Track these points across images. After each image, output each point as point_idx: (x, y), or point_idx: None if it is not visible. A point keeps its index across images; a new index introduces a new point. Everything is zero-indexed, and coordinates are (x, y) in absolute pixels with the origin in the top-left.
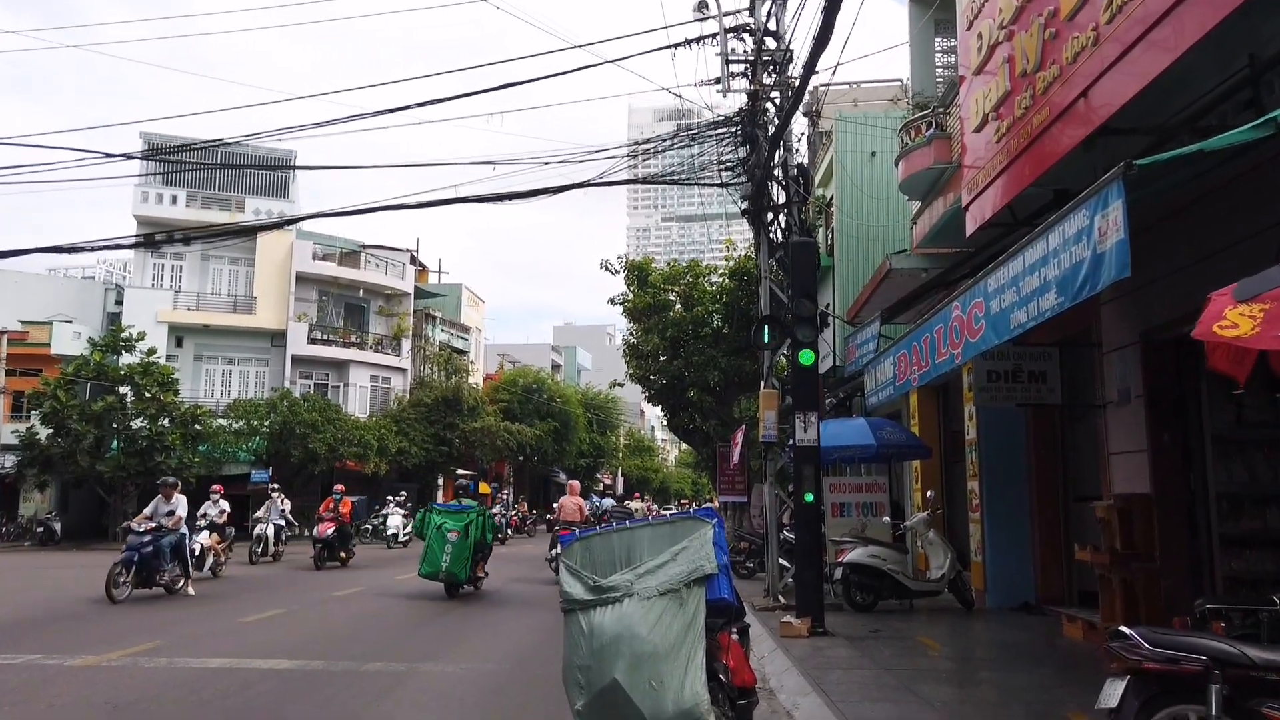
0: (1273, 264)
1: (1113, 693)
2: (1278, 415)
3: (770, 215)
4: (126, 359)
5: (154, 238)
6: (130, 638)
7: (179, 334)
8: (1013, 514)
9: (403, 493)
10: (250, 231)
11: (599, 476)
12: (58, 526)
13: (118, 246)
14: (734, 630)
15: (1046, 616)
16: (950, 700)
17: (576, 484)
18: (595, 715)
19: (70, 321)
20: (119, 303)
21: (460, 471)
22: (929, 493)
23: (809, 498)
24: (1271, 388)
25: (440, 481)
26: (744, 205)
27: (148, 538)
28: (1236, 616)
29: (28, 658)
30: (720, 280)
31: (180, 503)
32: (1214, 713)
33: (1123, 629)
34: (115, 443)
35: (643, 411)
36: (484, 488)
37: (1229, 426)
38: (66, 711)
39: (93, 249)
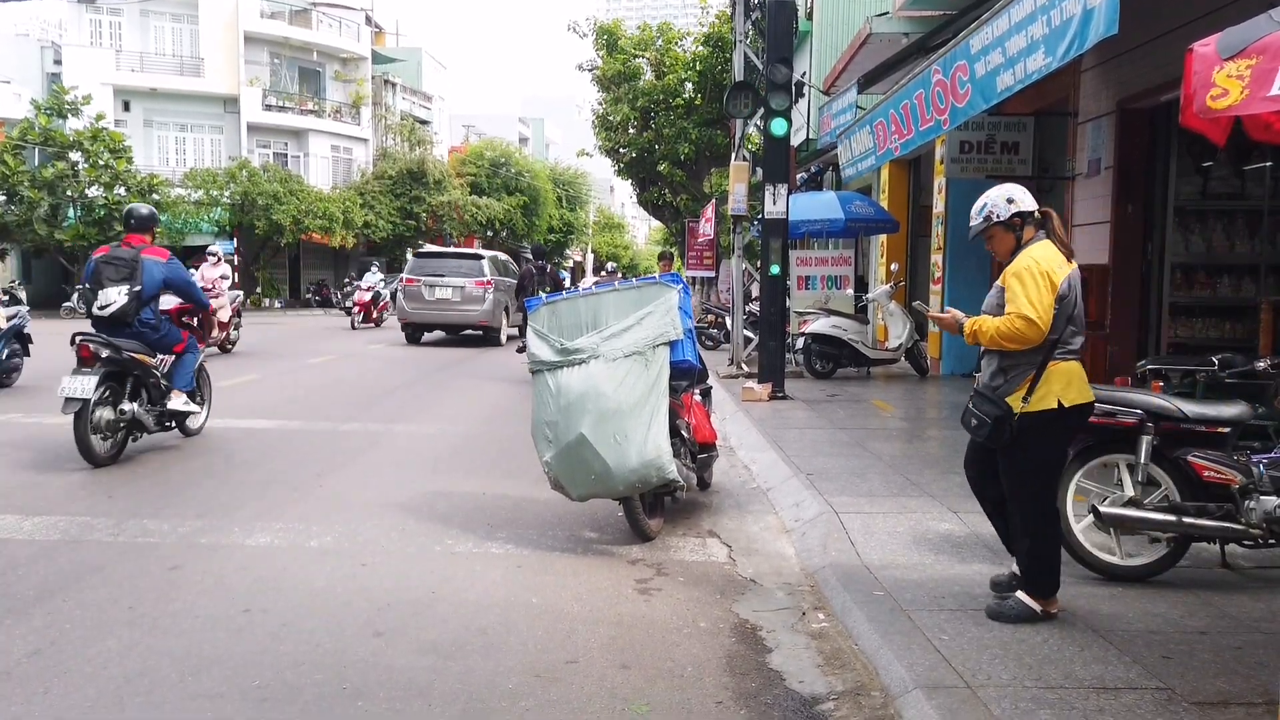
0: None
1: None
2: (1243, 186)
3: None
4: (74, 123)
5: None
6: None
7: (125, 98)
8: (973, 286)
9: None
10: None
11: (568, 253)
12: (23, 295)
13: None
14: (697, 391)
15: None
16: (897, 454)
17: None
18: (563, 466)
19: (8, 82)
20: (58, 62)
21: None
22: (893, 265)
23: (775, 270)
24: (1240, 159)
25: (409, 256)
26: None
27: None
28: (1175, 376)
29: (7, 416)
30: (693, 47)
31: None
32: (1142, 460)
33: None
34: (72, 211)
35: (613, 188)
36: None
37: (1192, 198)
38: (56, 455)
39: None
